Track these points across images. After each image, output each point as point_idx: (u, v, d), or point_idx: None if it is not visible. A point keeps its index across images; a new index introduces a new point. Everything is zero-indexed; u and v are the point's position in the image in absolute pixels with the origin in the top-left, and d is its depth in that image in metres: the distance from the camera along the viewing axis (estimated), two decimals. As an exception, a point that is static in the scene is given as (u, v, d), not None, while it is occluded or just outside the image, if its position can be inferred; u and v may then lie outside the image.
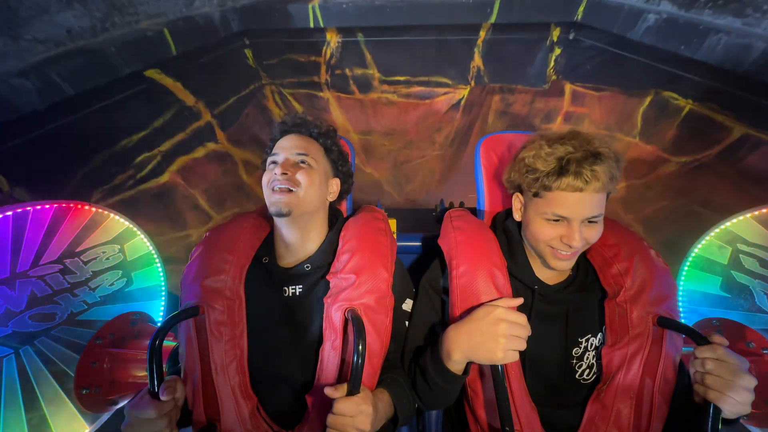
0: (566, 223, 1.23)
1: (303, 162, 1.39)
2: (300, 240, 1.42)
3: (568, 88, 3.57)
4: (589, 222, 1.23)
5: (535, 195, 1.28)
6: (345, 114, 3.78)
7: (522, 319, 1.14)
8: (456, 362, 1.17)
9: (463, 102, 3.71)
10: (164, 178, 3.02)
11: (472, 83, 3.56)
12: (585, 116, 3.66)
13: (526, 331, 1.13)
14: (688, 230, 2.87)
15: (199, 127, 3.21)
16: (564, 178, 1.19)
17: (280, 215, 1.32)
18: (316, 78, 3.56)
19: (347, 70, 3.49)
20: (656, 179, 3.49)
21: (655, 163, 3.49)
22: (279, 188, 1.33)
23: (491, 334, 1.10)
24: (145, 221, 2.80)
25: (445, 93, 3.67)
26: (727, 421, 1.08)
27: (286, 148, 1.41)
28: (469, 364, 1.20)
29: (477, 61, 3.44)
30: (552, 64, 3.41)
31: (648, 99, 3.41)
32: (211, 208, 3.42)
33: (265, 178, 1.38)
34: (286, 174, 1.33)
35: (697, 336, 1.11)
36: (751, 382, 1.03)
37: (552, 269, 1.34)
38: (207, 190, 3.35)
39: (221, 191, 3.51)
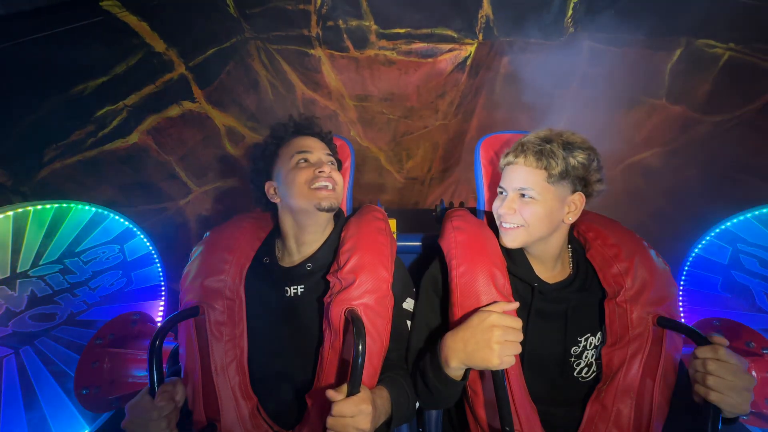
0: (505, 195, 1.44)
1: (332, 162, 1.54)
2: (312, 240, 1.52)
3: (586, 45, 3.33)
4: (522, 196, 1.39)
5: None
6: (339, 75, 3.57)
7: (517, 323, 1.21)
8: (454, 369, 1.25)
9: (469, 61, 3.49)
10: (133, 138, 2.84)
11: (480, 36, 3.33)
12: (605, 78, 3.42)
13: (521, 336, 1.20)
14: (721, 201, 2.76)
15: (171, 80, 2.98)
16: (506, 156, 1.44)
17: (326, 210, 1.43)
18: (306, 31, 3.28)
19: (340, 21, 3.19)
20: (685, 144, 3.34)
21: (683, 126, 3.32)
22: (323, 186, 1.44)
23: (486, 342, 1.17)
24: (110, 188, 2.76)
25: (449, 50, 3.43)
26: (726, 420, 1.16)
27: (317, 148, 1.53)
28: (468, 369, 1.28)
29: (486, 8, 3.21)
30: (570, 12, 3.15)
31: (678, 51, 3.16)
32: (190, 180, 3.28)
33: (302, 175, 1.46)
34: (325, 172, 1.46)
35: (697, 336, 1.20)
36: (751, 382, 1.12)
37: (504, 246, 1.46)
38: (185, 159, 3.21)
39: (201, 161, 3.36)
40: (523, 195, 1.37)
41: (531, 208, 1.35)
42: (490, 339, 1.16)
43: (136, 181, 2.92)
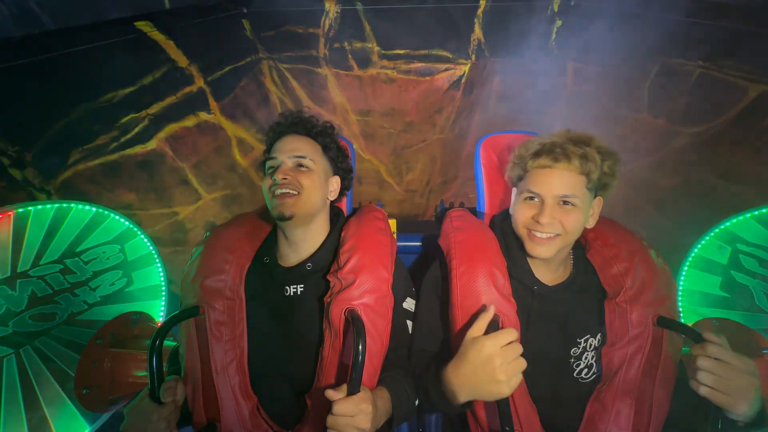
0: (540, 201, 1.29)
1: (302, 165, 1.43)
2: (302, 239, 1.46)
3: (571, 66, 3.52)
4: (564, 203, 1.27)
5: (520, 179, 1.38)
6: (343, 92, 3.77)
7: (511, 336, 1.14)
8: (464, 402, 1.19)
9: (464, 80, 3.71)
10: (151, 144, 2.96)
11: (473, 57, 3.57)
12: (590, 95, 3.58)
13: (520, 348, 1.14)
14: (706, 206, 2.84)
15: (191, 92, 3.17)
16: (538, 158, 1.30)
17: (283, 219, 1.35)
18: (314, 52, 3.55)
19: (346, 44, 3.50)
20: (668, 155, 3.40)
21: (665, 138, 3.40)
22: (280, 193, 1.36)
23: (490, 375, 1.10)
24: (126, 192, 2.80)
25: (445, 69, 3.66)
26: (731, 422, 1.10)
27: (285, 151, 1.44)
28: None
29: (477, 33, 3.42)
30: (554, 35, 3.39)
31: (654, 70, 3.30)
32: (201, 186, 3.36)
33: (265, 184, 1.41)
34: (286, 179, 1.37)
35: (696, 336, 1.14)
36: (752, 382, 1.05)
37: (533, 257, 1.36)
38: (197, 166, 3.30)
39: (212, 169, 3.46)
40: (565, 202, 1.28)
41: (573, 216, 1.27)
42: (493, 371, 1.09)
43: (151, 186, 3.00)
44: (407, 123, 3.91)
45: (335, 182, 1.55)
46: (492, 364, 1.09)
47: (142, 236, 2.21)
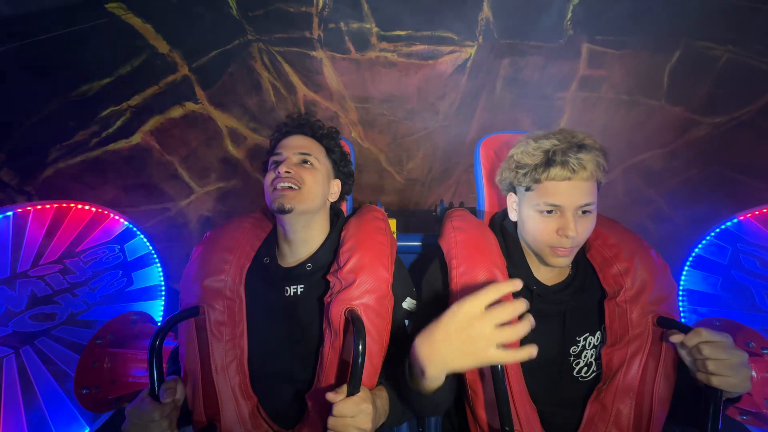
0: (560, 213, 1.30)
1: (306, 162, 1.48)
2: (301, 239, 1.50)
3: (585, 48, 3.37)
4: (582, 213, 1.30)
5: (528, 189, 1.36)
6: (340, 77, 3.61)
7: (495, 294, 1.05)
8: (433, 379, 1.10)
9: (469, 63, 3.53)
10: (136, 139, 2.92)
11: (480, 39, 3.38)
12: (603, 80, 3.47)
13: (514, 310, 1.05)
14: (721, 201, 2.81)
15: (174, 81, 3.07)
16: (552, 169, 1.28)
17: (282, 212, 1.39)
18: (308, 33, 3.34)
19: (342, 24, 3.28)
20: (684, 146, 3.35)
21: (682, 127, 3.33)
22: (282, 186, 1.40)
23: (468, 340, 1.02)
24: (114, 188, 2.82)
25: (450, 52, 3.49)
26: (732, 400, 1.19)
27: (290, 147, 1.49)
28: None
29: (486, 11, 3.26)
30: (569, 14, 3.20)
31: (677, 53, 3.18)
32: (192, 180, 3.35)
33: (268, 177, 1.46)
34: (289, 173, 1.42)
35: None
36: (743, 356, 1.10)
37: (551, 266, 1.41)
38: (187, 159, 3.27)
39: (204, 162, 3.42)
40: (584, 212, 1.30)
41: (590, 223, 1.31)
42: (473, 337, 1.01)
43: (139, 182, 2.95)
44: (408, 110, 3.80)
45: (336, 185, 1.60)
46: (472, 329, 1.01)
47: (142, 236, 2.25)
